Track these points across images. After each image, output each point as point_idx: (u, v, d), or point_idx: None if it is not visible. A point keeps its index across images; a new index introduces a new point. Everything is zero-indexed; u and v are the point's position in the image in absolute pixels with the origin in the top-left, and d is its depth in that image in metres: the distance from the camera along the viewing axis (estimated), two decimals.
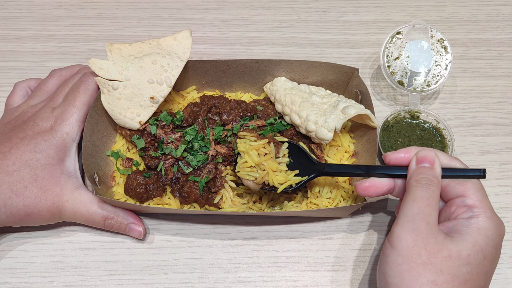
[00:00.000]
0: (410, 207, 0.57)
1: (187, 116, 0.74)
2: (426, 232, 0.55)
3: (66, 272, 0.70)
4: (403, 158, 0.63)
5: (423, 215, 0.56)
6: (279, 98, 0.75)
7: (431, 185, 0.58)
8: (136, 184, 0.71)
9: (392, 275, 0.56)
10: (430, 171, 0.59)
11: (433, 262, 0.54)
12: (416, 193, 0.58)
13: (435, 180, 0.59)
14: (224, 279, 0.71)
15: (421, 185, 0.58)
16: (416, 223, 0.56)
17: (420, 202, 0.57)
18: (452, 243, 0.55)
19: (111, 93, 0.71)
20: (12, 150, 0.66)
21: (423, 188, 0.58)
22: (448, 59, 0.81)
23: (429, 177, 0.59)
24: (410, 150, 0.63)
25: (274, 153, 0.69)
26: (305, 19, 0.94)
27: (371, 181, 0.63)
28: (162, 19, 0.93)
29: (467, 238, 0.55)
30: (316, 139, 0.71)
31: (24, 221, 0.67)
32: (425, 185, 0.58)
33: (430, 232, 0.55)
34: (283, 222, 0.75)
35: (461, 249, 0.54)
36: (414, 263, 0.54)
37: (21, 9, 0.94)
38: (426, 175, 0.59)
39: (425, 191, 0.58)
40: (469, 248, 0.55)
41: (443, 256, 0.54)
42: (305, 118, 0.71)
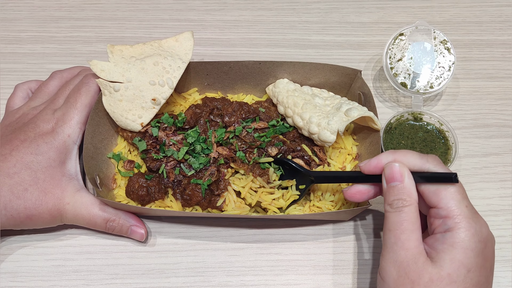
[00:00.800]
0: (388, 237, 0.57)
1: (189, 118, 0.74)
2: (406, 260, 0.55)
3: (67, 276, 0.70)
4: (376, 167, 0.61)
5: (400, 243, 0.55)
6: (281, 100, 0.75)
7: (404, 207, 0.56)
8: (137, 187, 0.70)
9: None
10: (400, 190, 0.57)
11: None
12: (390, 220, 0.57)
13: (407, 198, 0.57)
14: (226, 283, 0.70)
15: (393, 209, 0.57)
16: (396, 253, 0.55)
17: (395, 230, 0.56)
18: (431, 265, 0.54)
19: (112, 95, 0.71)
20: (12, 152, 0.66)
21: (395, 214, 0.57)
22: (451, 60, 0.81)
23: (401, 197, 0.57)
24: (380, 159, 0.61)
25: (265, 181, 0.70)
26: (307, 20, 0.94)
27: (356, 187, 0.63)
28: (163, 21, 0.93)
29: (444, 256, 0.54)
30: (319, 142, 0.71)
31: (24, 223, 0.67)
32: (397, 209, 0.57)
33: (410, 259, 0.55)
34: (286, 225, 0.74)
35: (440, 270, 0.53)
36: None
37: (21, 11, 0.93)
38: (396, 196, 0.57)
39: (398, 216, 0.56)
40: (448, 266, 0.53)
41: (425, 281, 0.53)
42: (308, 120, 0.71)
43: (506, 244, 0.74)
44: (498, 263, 0.72)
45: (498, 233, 0.74)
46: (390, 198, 0.58)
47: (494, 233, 0.73)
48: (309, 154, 0.72)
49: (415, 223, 0.56)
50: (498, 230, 0.74)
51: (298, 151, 0.72)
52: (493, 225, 0.74)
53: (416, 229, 0.56)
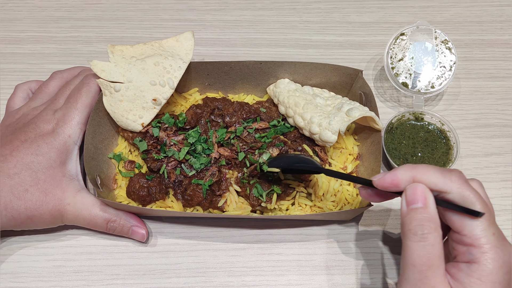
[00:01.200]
0: (411, 273, 0.51)
1: (190, 118, 0.73)
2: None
3: (68, 277, 0.69)
4: (391, 183, 0.54)
5: (426, 281, 0.51)
6: (282, 100, 0.75)
7: (429, 234, 0.51)
8: (138, 187, 0.70)
9: None
10: (423, 213, 0.51)
11: None
12: (414, 254, 0.51)
13: (432, 225, 0.51)
14: (227, 283, 0.70)
15: (418, 238, 0.51)
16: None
17: (421, 266, 0.51)
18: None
19: (113, 95, 0.70)
20: (13, 153, 0.66)
21: (420, 245, 0.51)
22: (453, 60, 0.80)
23: (423, 223, 0.51)
24: (396, 175, 0.54)
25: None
26: (308, 20, 0.94)
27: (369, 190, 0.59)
28: (163, 21, 0.93)
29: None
30: (320, 142, 0.71)
31: (25, 224, 0.66)
32: (421, 238, 0.51)
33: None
34: (287, 226, 0.74)
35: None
36: None
37: (21, 11, 0.93)
38: (419, 221, 0.51)
39: (423, 249, 0.51)
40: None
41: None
42: (309, 120, 0.71)
43: None
44: None
45: None
46: (411, 223, 0.52)
47: None
48: (311, 154, 0.72)
49: (441, 256, 0.51)
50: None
51: (300, 151, 0.72)
52: None
53: (442, 262, 0.51)
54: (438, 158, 0.76)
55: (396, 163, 0.75)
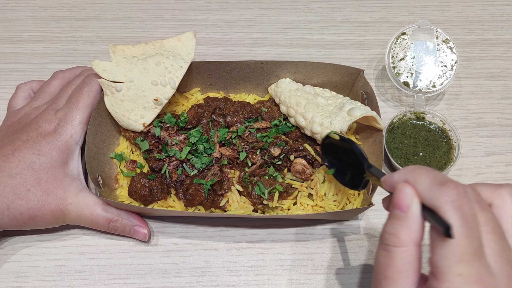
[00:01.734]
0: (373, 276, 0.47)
1: (191, 118, 0.73)
2: None
3: (70, 276, 0.70)
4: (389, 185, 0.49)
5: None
6: (284, 99, 0.75)
7: (392, 248, 0.45)
8: (140, 187, 0.70)
9: None
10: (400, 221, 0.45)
11: None
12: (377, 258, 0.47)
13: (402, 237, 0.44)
14: (229, 283, 0.70)
15: (383, 247, 0.46)
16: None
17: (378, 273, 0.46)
18: None
19: (114, 95, 0.70)
20: (15, 153, 0.66)
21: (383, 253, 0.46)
22: (454, 59, 0.80)
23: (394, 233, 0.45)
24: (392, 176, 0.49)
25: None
26: (309, 20, 0.94)
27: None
28: (164, 20, 0.93)
29: None
30: (320, 142, 0.71)
31: (27, 224, 0.66)
32: (385, 249, 0.45)
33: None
34: (289, 225, 0.74)
35: None
36: None
37: (22, 11, 0.93)
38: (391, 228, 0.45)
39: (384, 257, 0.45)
40: None
41: None
42: (311, 120, 0.71)
43: None
44: None
45: None
46: (384, 228, 0.46)
47: None
48: (312, 154, 0.72)
49: (401, 272, 0.44)
50: None
51: (301, 151, 0.72)
52: None
53: (402, 277, 0.44)
54: (439, 157, 0.76)
55: (398, 163, 0.75)
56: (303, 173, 0.71)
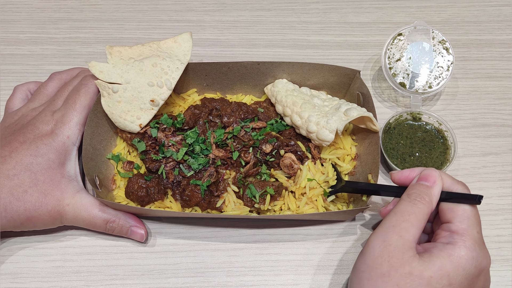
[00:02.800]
0: (389, 219, 0.58)
1: (188, 118, 0.74)
2: (395, 245, 0.55)
3: (67, 277, 0.70)
4: (408, 177, 0.63)
5: (398, 229, 0.56)
6: (280, 99, 0.75)
7: (419, 202, 0.58)
8: (137, 188, 0.71)
9: (354, 280, 0.58)
10: (426, 189, 0.59)
11: (392, 275, 0.54)
12: (400, 206, 0.58)
13: (427, 198, 0.58)
14: (226, 283, 0.70)
15: (409, 200, 0.58)
16: (388, 235, 0.56)
17: (399, 215, 0.57)
18: (418, 262, 0.54)
19: (111, 96, 0.71)
20: (12, 154, 0.66)
21: (408, 203, 0.58)
22: (450, 60, 0.81)
23: (421, 194, 0.58)
24: (414, 170, 0.63)
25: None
26: (306, 21, 0.94)
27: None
28: (162, 21, 0.93)
29: (435, 260, 0.54)
30: (317, 141, 0.71)
31: (24, 225, 0.67)
32: (413, 201, 0.58)
33: (399, 246, 0.55)
34: (285, 225, 0.74)
35: (425, 270, 0.54)
36: (374, 273, 0.55)
37: (20, 12, 0.93)
38: (418, 191, 0.59)
39: (409, 206, 0.57)
40: (434, 271, 0.54)
41: (404, 271, 0.54)
42: (307, 119, 0.71)
43: (505, 243, 0.74)
44: (497, 262, 0.72)
45: (497, 233, 0.74)
46: (411, 190, 0.59)
47: (493, 232, 0.74)
48: (303, 150, 0.72)
49: (420, 222, 0.57)
50: (497, 229, 0.75)
51: (292, 146, 0.72)
52: (492, 225, 0.75)
53: (418, 227, 0.56)
54: (435, 158, 0.76)
55: (394, 163, 0.75)
56: (291, 167, 0.71)
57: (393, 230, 0.56)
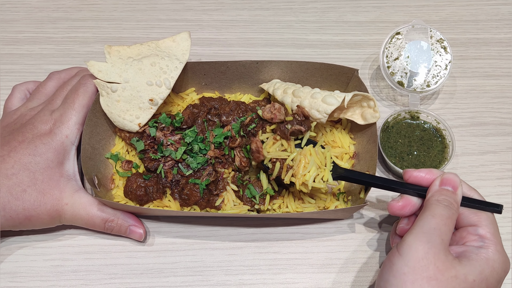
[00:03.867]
0: (428, 221, 0.58)
1: (187, 118, 0.74)
2: (439, 248, 0.55)
3: (66, 276, 0.70)
4: (423, 178, 0.63)
5: (439, 232, 0.56)
6: (280, 85, 0.74)
7: (452, 208, 0.59)
8: (136, 187, 0.71)
9: (394, 283, 0.56)
10: (452, 195, 0.60)
11: (439, 279, 0.54)
12: (436, 210, 0.59)
13: (455, 204, 0.60)
14: (225, 282, 0.70)
15: (443, 205, 0.59)
16: (432, 237, 0.56)
17: (439, 219, 0.57)
18: (461, 265, 0.55)
19: (110, 96, 0.71)
20: (11, 154, 0.66)
21: (444, 208, 0.59)
22: (448, 59, 0.81)
23: (450, 200, 0.59)
24: (432, 172, 0.63)
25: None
26: (304, 20, 0.94)
27: (406, 200, 0.63)
28: (160, 21, 0.93)
29: (476, 264, 0.56)
30: (320, 108, 0.68)
31: (23, 224, 0.67)
32: (447, 206, 0.59)
33: (443, 249, 0.55)
34: (284, 224, 0.74)
35: (468, 273, 0.55)
36: (419, 276, 0.54)
37: (18, 12, 0.93)
38: (448, 197, 0.60)
39: (445, 211, 0.58)
40: (476, 274, 0.55)
41: (450, 275, 0.54)
42: (311, 90, 0.71)
43: (504, 242, 0.72)
44: None
45: None
46: (440, 196, 0.60)
47: None
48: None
49: (453, 227, 0.59)
50: None
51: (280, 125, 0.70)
52: None
53: (452, 233, 0.59)
54: (433, 156, 0.77)
55: (392, 162, 0.76)
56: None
57: (435, 233, 0.56)
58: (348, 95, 0.68)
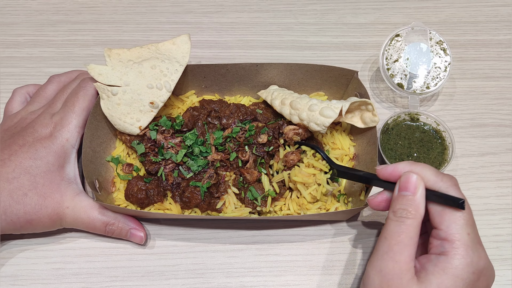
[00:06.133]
0: (381, 245, 0.56)
1: (187, 120, 0.74)
2: (392, 273, 0.54)
3: (67, 279, 0.70)
4: (391, 174, 0.60)
5: (392, 254, 0.54)
6: (277, 94, 0.75)
7: (406, 218, 0.55)
8: (136, 190, 0.71)
9: None
10: (409, 201, 0.56)
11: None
12: (388, 228, 0.56)
13: (412, 211, 0.55)
14: (225, 284, 0.70)
15: (396, 218, 0.56)
16: (384, 263, 0.55)
17: (391, 239, 0.55)
18: (416, 285, 0.53)
19: (110, 99, 0.71)
20: (11, 157, 0.66)
21: (396, 223, 0.55)
22: (447, 61, 0.81)
23: (407, 208, 0.56)
24: (397, 167, 0.59)
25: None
26: (304, 22, 0.94)
27: (382, 195, 0.62)
28: (160, 23, 0.93)
29: (432, 279, 0.53)
30: (318, 121, 0.69)
31: (24, 228, 0.67)
32: (400, 219, 0.55)
33: (396, 272, 0.54)
34: (284, 226, 0.74)
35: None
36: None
37: (18, 15, 0.93)
38: (403, 205, 0.56)
39: (398, 226, 0.55)
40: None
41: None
42: (308, 101, 0.71)
43: (503, 243, 0.74)
44: (496, 262, 0.72)
45: (495, 232, 0.75)
46: (396, 206, 0.57)
47: (491, 232, 0.74)
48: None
49: (412, 238, 0.55)
50: (495, 229, 0.75)
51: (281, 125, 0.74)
52: (490, 224, 0.75)
53: (411, 244, 0.55)
54: (433, 158, 0.77)
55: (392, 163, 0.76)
56: (298, 134, 0.72)
57: (387, 257, 0.54)
58: (345, 105, 0.69)
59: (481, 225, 0.75)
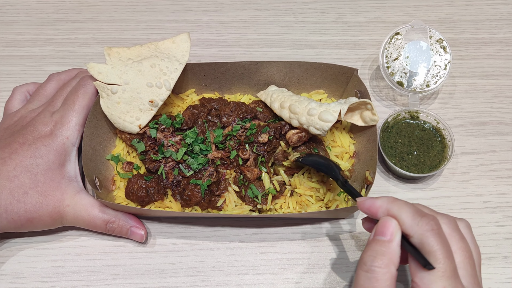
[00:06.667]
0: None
1: (187, 119, 0.74)
2: None
3: (67, 277, 0.70)
4: (368, 209, 0.56)
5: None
6: (276, 96, 0.75)
7: (377, 269, 0.50)
8: (137, 188, 0.71)
9: None
10: (383, 246, 0.51)
11: None
12: (359, 282, 0.51)
13: (385, 260, 0.50)
14: (225, 282, 0.71)
15: (366, 268, 0.51)
16: None
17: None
18: None
19: (110, 97, 0.71)
20: (12, 156, 0.66)
21: (365, 275, 0.51)
22: (447, 59, 0.81)
23: (377, 256, 0.51)
24: (375, 203, 0.55)
25: None
26: (304, 20, 0.94)
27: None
28: (160, 22, 0.93)
29: None
30: (318, 125, 0.69)
31: (25, 226, 0.67)
32: (369, 270, 0.51)
33: None
34: (284, 224, 0.74)
35: None
36: None
37: (18, 13, 0.93)
38: (374, 253, 0.51)
39: (367, 280, 0.50)
40: None
41: None
42: (307, 105, 0.71)
43: (503, 241, 0.74)
44: (495, 260, 0.73)
45: (495, 230, 0.75)
46: (366, 253, 0.52)
47: (491, 230, 0.74)
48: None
49: None
50: (495, 227, 0.75)
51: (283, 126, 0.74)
52: (490, 222, 0.75)
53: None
54: (433, 156, 0.77)
55: (392, 162, 0.76)
56: (301, 139, 0.72)
57: None
58: (343, 108, 0.69)
59: (481, 223, 0.75)
